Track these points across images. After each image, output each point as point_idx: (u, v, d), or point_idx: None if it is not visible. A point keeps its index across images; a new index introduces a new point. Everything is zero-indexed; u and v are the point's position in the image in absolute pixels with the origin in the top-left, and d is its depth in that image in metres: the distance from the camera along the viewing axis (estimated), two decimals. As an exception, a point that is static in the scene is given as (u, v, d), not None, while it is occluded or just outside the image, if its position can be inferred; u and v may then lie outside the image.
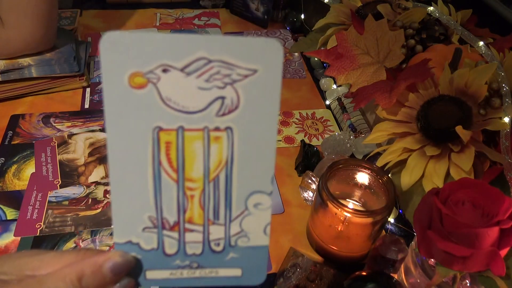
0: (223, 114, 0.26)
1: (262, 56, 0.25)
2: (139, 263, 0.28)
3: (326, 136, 0.71)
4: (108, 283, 0.26)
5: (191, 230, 0.28)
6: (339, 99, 0.76)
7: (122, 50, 0.24)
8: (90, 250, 0.27)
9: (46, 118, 0.71)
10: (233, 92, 0.25)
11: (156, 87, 0.25)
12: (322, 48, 0.67)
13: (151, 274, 0.29)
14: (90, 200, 0.58)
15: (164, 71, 0.25)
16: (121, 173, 0.26)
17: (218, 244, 0.29)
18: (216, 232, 0.28)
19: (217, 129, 0.26)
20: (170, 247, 0.28)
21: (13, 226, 0.54)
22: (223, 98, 0.26)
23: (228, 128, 0.26)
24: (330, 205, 0.46)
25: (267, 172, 0.27)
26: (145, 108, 0.25)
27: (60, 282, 0.25)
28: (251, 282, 0.30)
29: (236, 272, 0.29)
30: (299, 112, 0.76)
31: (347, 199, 0.54)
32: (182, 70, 0.25)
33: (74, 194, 0.59)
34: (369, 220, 0.46)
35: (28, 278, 0.25)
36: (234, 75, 0.25)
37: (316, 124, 0.74)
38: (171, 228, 0.28)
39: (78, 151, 0.65)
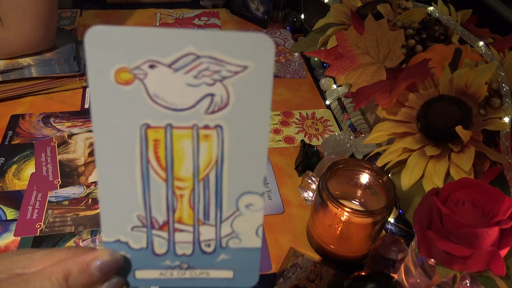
0: (213, 112, 0.25)
1: (253, 52, 0.24)
2: (128, 262, 0.28)
3: (326, 136, 0.71)
4: (96, 282, 0.26)
5: (181, 230, 0.28)
6: (339, 99, 0.76)
7: (108, 45, 0.23)
8: (81, 248, 0.27)
9: (46, 118, 0.71)
10: (223, 89, 0.25)
11: (143, 83, 0.24)
12: (322, 48, 0.67)
13: (140, 274, 0.28)
14: (90, 200, 0.58)
15: (151, 67, 0.24)
16: (109, 171, 0.26)
17: (209, 245, 0.28)
18: (207, 232, 0.28)
19: (206, 127, 0.25)
20: (160, 247, 0.28)
21: (13, 226, 0.54)
22: (212, 95, 0.25)
23: (218, 126, 0.25)
24: (330, 205, 0.46)
25: (259, 172, 0.27)
26: (132, 104, 0.25)
27: (46, 280, 0.24)
28: (243, 285, 0.29)
29: (228, 274, 0.29)
30: (299, 112, 0.76)
31: (347, 199, 0.54)
32: (169, 66, 0.24)
33: (74, 194, 0.59)
34: (369, 220, 0.46)
35: (17, 277, 0.25)
36: (223, 71, 0.24)
37: (316, 124, 0.74)
38: (161, 228, 0.28)
39: (78, 151, 0.65)
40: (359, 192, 0.53)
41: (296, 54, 0.91)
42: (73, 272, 0.25)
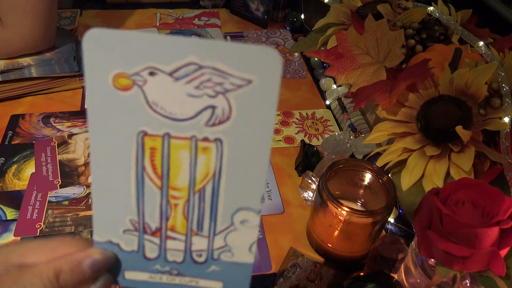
0: (213, 125, 0.24)
1: (258, 66, 0.23)
2: (119, 261, 0.28)
3: (326, 136, 0.71)
4: (87, 280, 0.26)
5: (173, 238, 0.28)
6: (339, 99, 0.76)
7: (107, 49, 0.23)
8: (74, 241, 0.27)
9: (46, 118, 0.71)
10: (225, 102, 0.24)
11: (142, 90, 0.24)
12: (322, 48, 0.67)
13: (130, 275, 0.28)
14: (90, 200, 0.58)
15: (151, 74, 0.23)
16: (103, 175, 0.26)
17: (200, 255, 0.28)
18: (199, 243, 0.28)
19: (205, 139, 0.25)
20: (151, 251, 0.28)
21: (13, 226, 0.54)
22: (213, 107, 0.24)
23: (218, 140, 0.25)
24: (330, 205, 0.46)
25: (257, 190, 0.26)
26: (130, 111, 0.24)
27: (36, 278, 0.24)
28: None
29: (217, 285, 0.29)
30: (299, 112, 0.76)
31: (347, 199, 0.54)
32: (170, 74, 0.23)
33: (74, 194, 0.59)
34: (369, 220, 0.46)
35: (13, 269, 0.25)
36: (226, 84, 0.23)
37: (316, 124, 0.74)
38: (153, 234, 0.28)
39: (78, 151, 0.65)
40: (359, 192, 0.53)
41: (296, 54, 0.91)
42: (64, 270, 0.25)
